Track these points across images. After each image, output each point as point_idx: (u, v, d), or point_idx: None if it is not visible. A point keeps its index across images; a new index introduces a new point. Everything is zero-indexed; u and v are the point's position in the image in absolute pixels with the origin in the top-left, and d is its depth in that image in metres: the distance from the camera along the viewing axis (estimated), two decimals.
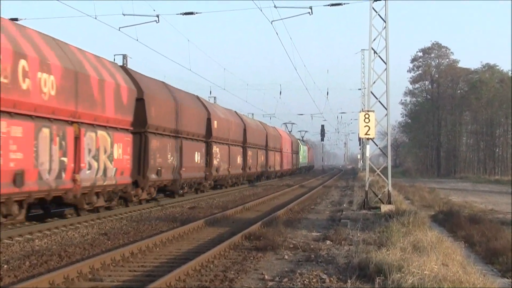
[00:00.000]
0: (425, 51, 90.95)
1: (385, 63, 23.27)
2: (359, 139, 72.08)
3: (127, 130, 21.25)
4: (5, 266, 11.19)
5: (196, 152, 30.05)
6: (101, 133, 19.05)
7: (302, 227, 17.63)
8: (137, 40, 26.60)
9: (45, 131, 15.65)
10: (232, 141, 38.59)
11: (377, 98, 23.59)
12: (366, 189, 23.75)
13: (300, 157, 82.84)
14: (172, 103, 26.46)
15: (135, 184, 22.27)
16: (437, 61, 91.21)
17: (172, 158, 25.82)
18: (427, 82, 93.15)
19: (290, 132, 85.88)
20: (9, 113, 14.15)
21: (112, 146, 19.81)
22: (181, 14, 26.83)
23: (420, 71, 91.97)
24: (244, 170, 42.79)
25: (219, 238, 15.15)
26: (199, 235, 15.82)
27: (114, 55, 24.84)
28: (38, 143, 15.26)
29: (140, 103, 22.34)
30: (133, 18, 25.55)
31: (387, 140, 24.08)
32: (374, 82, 23.82)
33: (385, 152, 25.18)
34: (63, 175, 16.65)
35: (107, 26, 76.05)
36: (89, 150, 18.22)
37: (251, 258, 12.36)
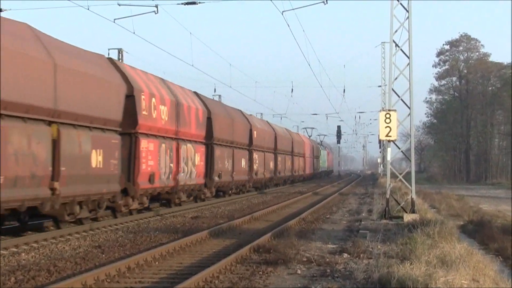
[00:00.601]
0: (453, 43, 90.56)
1: (408, 57, 23.25)
2: (380, 141, 72.05)
3: (202, 142, 30.31)
4: None
5: (243, 159, 39.33)
6: (189, 145, 27.89)
7: (317, 239, 17.64)
8: (134, 33, 26.77)
9: (163, 146, 24.38)
10: (266, 148, 47.75)
11: (399, 96, 23.57)
12: (387, 196, 23.71)
13: (321, 161, 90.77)
14: (229, 119, 35.73)
15: (204, 184, 30.63)
16: (466, 54, 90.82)
17: (228, 163, 35.06)
18: (454, 78, 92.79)
19: (310, 136, 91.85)
20: (146, 134, 22.82)
21: (194, 155, 28.65)
22: (182, 3, 26.87)
23: (447, 66, 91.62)
24: (275, 174, 51.79)
25: (224, 251, 15.17)
26: (203, 248, 15.84)
27: (109, 49, 25.05)
28: (160, 154, 23.89)
29: (208, 121, 31.29)
30: (130, 9, 25.75)
31: (411, 142, 24.04)
32: (396, 79, 23.81)
33: (408, 156, 25.13)
34: (170, 176, 25.25)
35: (100, 18, 76.48)
36: (183, 158, 26.82)
37: (260, 273, 12.36)
